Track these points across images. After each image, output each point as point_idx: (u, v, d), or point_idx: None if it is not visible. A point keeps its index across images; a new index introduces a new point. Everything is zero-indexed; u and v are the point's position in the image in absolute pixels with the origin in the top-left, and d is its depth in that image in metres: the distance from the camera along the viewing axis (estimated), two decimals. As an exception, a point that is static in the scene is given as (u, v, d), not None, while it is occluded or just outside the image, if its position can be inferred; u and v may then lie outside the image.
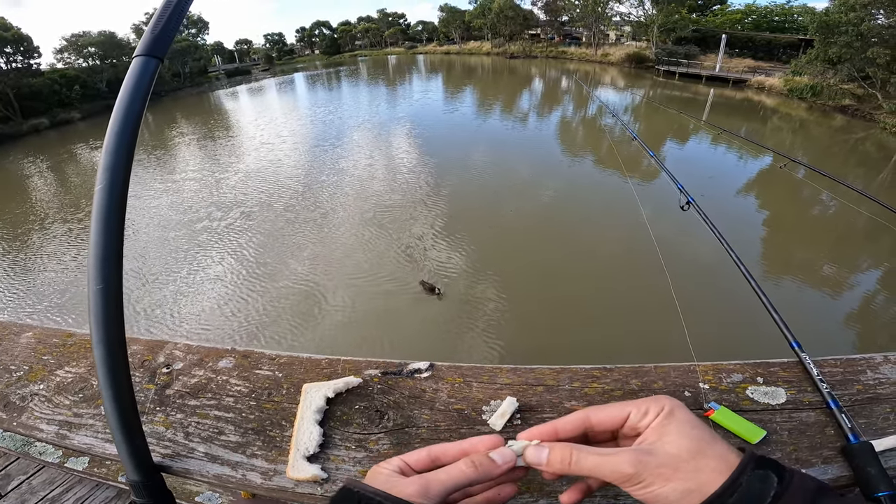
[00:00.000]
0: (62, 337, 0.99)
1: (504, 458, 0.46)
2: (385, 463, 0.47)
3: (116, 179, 0.54)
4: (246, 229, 10.15)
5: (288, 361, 0.85)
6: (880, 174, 12.81)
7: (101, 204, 0.53)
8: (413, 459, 0.48)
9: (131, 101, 0.54)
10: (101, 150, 0.55)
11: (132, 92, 0.54)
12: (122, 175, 0.54)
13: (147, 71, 0.55)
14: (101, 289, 0.53)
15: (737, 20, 38.93)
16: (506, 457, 0.46)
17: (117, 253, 0.54)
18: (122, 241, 0.54)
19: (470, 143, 16.68)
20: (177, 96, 46.62)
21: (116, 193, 0.54)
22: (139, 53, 0.55)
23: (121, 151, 0.54)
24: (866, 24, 17.76)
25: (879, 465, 0.61)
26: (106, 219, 0.53)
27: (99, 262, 0.53)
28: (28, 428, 0.78)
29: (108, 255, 0.53)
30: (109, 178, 0.53)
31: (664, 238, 7.85)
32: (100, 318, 0.53)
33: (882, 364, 0.78)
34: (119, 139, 0.54)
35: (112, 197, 0.53)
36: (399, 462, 0.47)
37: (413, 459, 0.48)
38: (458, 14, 69.81)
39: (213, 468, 0.68)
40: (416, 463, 0.47)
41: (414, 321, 6.61)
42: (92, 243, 0.53)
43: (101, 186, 0.53)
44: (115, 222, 0.54)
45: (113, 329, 0.54)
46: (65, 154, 22.91)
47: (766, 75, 27.70)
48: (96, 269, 0.53)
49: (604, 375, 0.77)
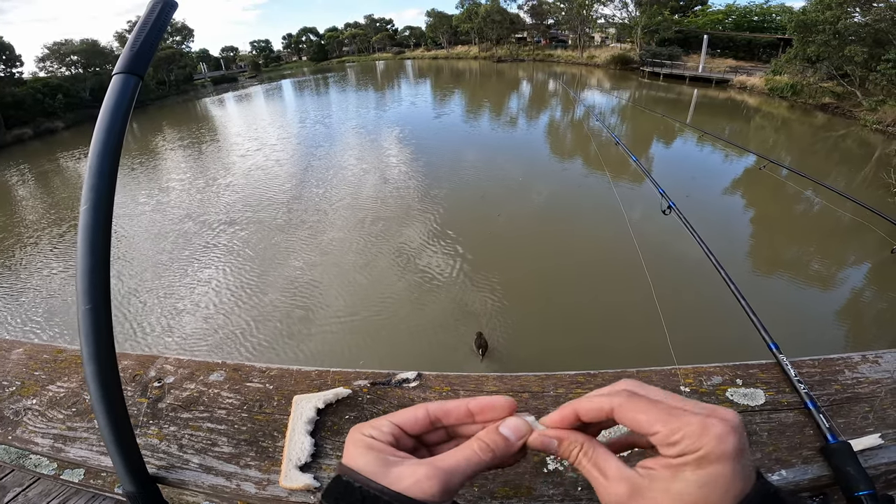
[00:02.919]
0: (53, 353, 1.00)
1: (517, 432, 0.39)
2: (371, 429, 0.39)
3: (101, 198, 0.54)
4: (236, 239, 10.06)
5: (278, 374, 0.86)
6: (862, 171, 13.04)
7: (86, 223, 0.54)
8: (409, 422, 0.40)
9: (112, 119, 0.55)
10: (85, 169, 0.56)
11: (113, 111, 0.55)
12: (107, 194, 0.54)
13: (127, 89, 0.56)
14: (89, 309, 0.53)
15: (718, 20, 39.51)
16: (519, 431, 0.39)
17: (104, 272, 0.54)
18: (108, 259, 0.55)
19: (458, 147, 16.73)
20: (162, 104, 46.16)
21: (102, 212, 0.54)
22: (118, 71, 0.55)
23: (104, 171, 0.54)
24: (843, 23, 18.05)
25: (858, 464, 0.61)
26: (92, 238, 0.54)
27: (87, 281, 0.53)
28: (23, 441, 0.79)
29: (95, 274, 0.54)
30: (94, 198, 0.54)
31: (648, 242, 7.86)
32: (90, 337, 0.54)
33: (860, 363, 0.79)
34: (102, 159, 0.54)
35: (97, 216, 0.54)
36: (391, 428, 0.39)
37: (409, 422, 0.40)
38: (445, 19, 70.22)
39: (208, 479, 0.69)
40: (412, 426, 0.40)
41: (402, 329, 6.58)
42: (79, 263, 0.53)
43: (86, 206, 0.54)
44: (102, 241, 0.54)
45: (103, 346, 0.54)
46: (48, 165, 22.53)
47: (747, 75, 28.10)
48: (84, 288, 0.53)
49: (588, 381, 0.78)
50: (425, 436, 0.41)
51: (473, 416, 0.40)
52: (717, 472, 0.31)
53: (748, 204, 10.65)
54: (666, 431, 0.33)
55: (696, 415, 0.33)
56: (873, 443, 0.65)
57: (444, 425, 0.41)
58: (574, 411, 0.38)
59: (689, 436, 0.32)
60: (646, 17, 36.38)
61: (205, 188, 14.36)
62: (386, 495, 0.33)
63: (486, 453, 0.37)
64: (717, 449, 0.31)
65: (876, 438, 0.65)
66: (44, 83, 38.28)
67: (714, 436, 0.32)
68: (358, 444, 0.38)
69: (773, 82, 23.96)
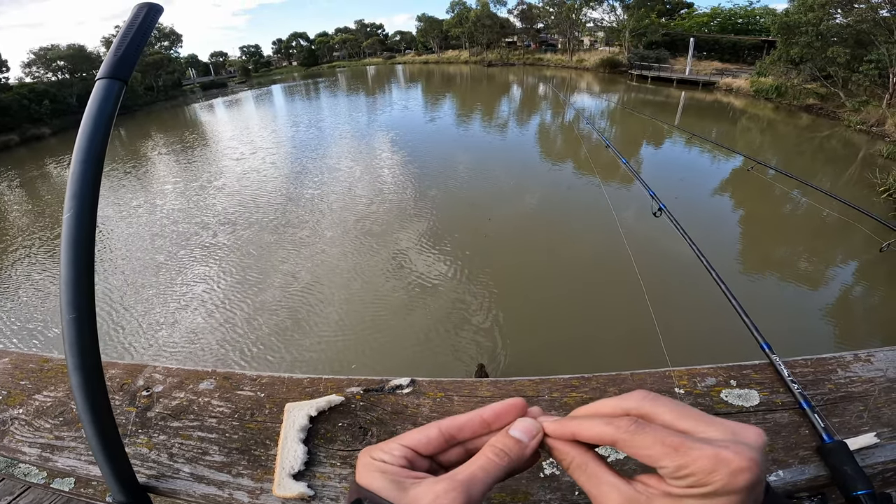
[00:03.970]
0: (38, 362, 0.98)
1: (528, 433, 0.37)
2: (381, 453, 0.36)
3: (84, 206, 0.53)
4: (228, 245, 9.98)
5: (270, 381, 0.85)
6: (847, 171, 13.24)
7: (69, 231, 0.53)
8: (421, 444, 0.37)
9: (95, 125, 0.54)
10: (68, 178, 0.54)
11: (96, 116, 0.54)
12: (90, 201, 0.54)
13: (111, 94, 0.55)
14: (74, 318, 0.52)
15: (704, 23, 40.11)
16: (530, 431, 0.37)
17: (88, 280, 0.53)
18: (92, 267, 0.54)
19: (450, 151, 16.77)
20: (150, 110, 45.76)
21: (85, 220, 0.53)
22: (102, 76, 0.55)
23: (87, 178, 0.54)
24: (825, 24, 18.34)
25: (855, 463, 0.61)
26: (76, 246, 0.53)
27: (71, 290, 0.52)
28: (10, 451, 0.78)
29: (79, 282, 0.53)
30: (77, 206, 0.53)
31: (640, 245, 7.90)
32: (74, 346, 0.53)
33: (853, 363, 0.79)
34: (85, 166, 0.54)
35: (81, 224, 0.53)
36: (402, 451, 0.36)
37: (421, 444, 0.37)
38: (435, 23, 70.58)
39: (200, 488, 0.68)
40: (425, 446, 0.37)
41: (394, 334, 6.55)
42: (63, 272, 0.52)
43: (69, 214, 0.53)
44: (85, 249, 0.53)
45: (89, 355, 0.54)
46: (35, 172, 22.22)
47: (733, 77, 28.51)
48: (68, 297, 0.52)
49: (582, 384, 0.78)
50: (441, 456, 0.39)
51: (489, 425, 0.38)
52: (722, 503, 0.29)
53: (737, 205, 10.78)
54: (673, 467, 0.30)
55: (710, 446, 0.30)
56: (869, 442, 0.65)
57: (459, 441, 0.39)
58: (572, 435, 0.36)
59: (698, 472, 0.29)
60: (633, 20, 36.90)
61: (190, 193, 14.23)
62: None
63: (502, 458, 0.36)
64: (729, 486, 0.29)
65: (871, 437, 0.65)
66: (30, 89, 37.81)
67: (728, 472, 0.29)
68: (370, 469, 0.36)
69: (759, 84, 24.32)
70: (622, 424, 0.33)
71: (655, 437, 0.32)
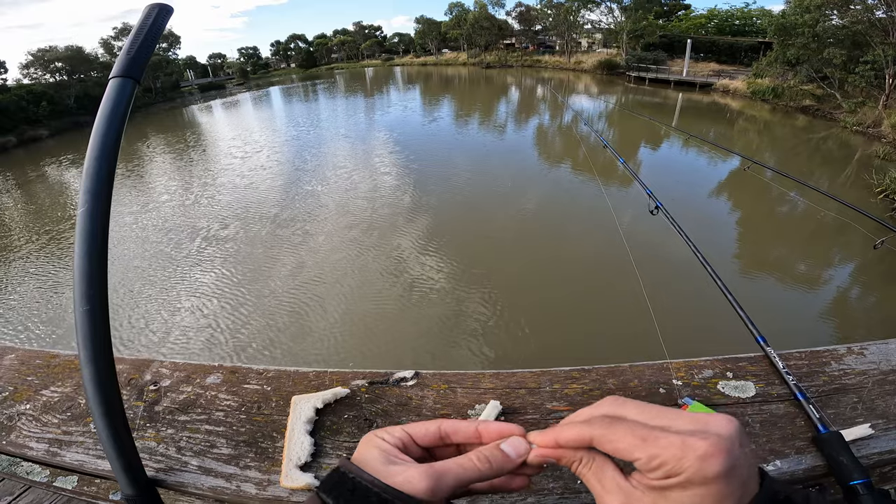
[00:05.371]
0: (46, 358, 0.99)
1: (518, 450, 0.39)
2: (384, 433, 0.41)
3: (98, 202, 0.54)
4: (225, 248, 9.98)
5: (276, 375, 0.86)
6: (844, 171, 13.29)
7: (83, 227, 0.54)
8: (420, 433, 0.42)
9: (109, 122, 0.55)
10: (82, 173, 0.55)
11: (110, 114, 0.55)
12: (104, 197, 0.54)
13: (124, 92, 0.56)
14: (87, 310, 0.53)
15: (700, 25, 40.29)
16: (518, 449, 0.40)
17: (102, 274, 0.54)
18: (105, 262, 0.55)
19: (449, 153, 16.79)
20: (148, 112, 45.68)
21: (98, 216, 0.54)
22: (115, 75, 0.56)
23: (101, 174, 0.55)
24: (821, 25, 18.37)
25: (851, 453, 0.62)
26: (89, 241, 0.54)
27: (84, 284, 0.53)
28: (18, 447, 0.78)
29: (92, 276, 0.54)
30: (91, 201, 0.54)
31: (638, 241, 7.98)
32: (87, 338, 0.54)
33: (846, 355, 0.81)
34: (99, 163, 0.54)
35: (94, 219, 0.54)
36: (402, 434, 0.41)
37: (420, 433, 0.42)
38: (434, 25, 70.76)
39: (208, 480, 0.69)
40: (422, 437, 0.42)
41: (397, 329, 6.59)
42: (76, 266, 0.53)
43: (83, 210, 0.54)
44: (99, 244, 0.54)
45: (101, 349, 0.54)
46: (33, 174, 22.17)
47: (729, 78, 28.56)
48: (82, 291, 0.53)
49: (582, 376, 0.80)
50: (436, 450, 0.43)
51: (481, 437, 0.41)
52: (704, 492, 0.30)
53: (734, 204, 10.81)
54: (645, 458, 0.32)
55: (676, 435, 0.31)
56: (864, 433, 0.66)
57: (452, 442, 0.42)
58: (554, 441, 0.38)
59: (669, 460, 0.31)
60: (631, 22, 37.00)
61: (189, 198, 14.23)
62: (376, 486, 0.35)
63: (483, 463, 0.38)
64: (701, 472, 0.29)
65: (866, 428, 0.67)
66: (28, 90, 37.63)
67: (695, 458, 0.30)
68: (367, 444, 0.40)
69: (755, 85, 24.37)
70: (596, 422, 0.36)
71: (626, 429, 0.34)
